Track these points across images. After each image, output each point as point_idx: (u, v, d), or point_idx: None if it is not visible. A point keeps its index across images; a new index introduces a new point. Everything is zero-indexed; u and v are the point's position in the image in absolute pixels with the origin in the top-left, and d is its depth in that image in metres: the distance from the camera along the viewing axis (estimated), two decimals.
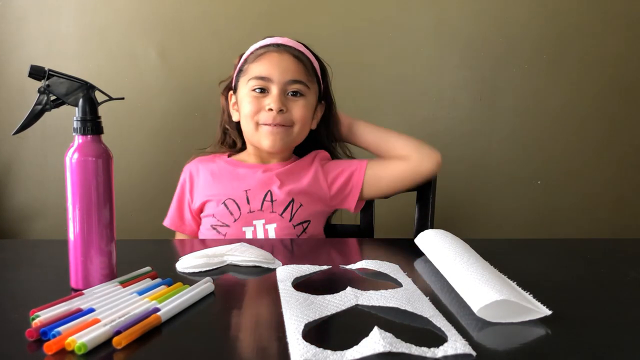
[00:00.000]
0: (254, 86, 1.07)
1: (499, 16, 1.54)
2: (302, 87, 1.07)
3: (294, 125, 1.07)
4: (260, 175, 1.09)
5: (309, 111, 1.10)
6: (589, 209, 1.60)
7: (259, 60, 1.08)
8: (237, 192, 1.07)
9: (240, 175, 1.10)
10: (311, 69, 1.10)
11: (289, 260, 0.77)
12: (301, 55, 1.09)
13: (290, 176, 1.09)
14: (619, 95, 1.57)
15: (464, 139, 1.57)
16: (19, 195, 1.55)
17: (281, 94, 1.06)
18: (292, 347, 0.48)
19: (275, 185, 1.07)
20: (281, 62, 1.07)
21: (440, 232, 0.81)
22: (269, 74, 1.06)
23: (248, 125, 1.08)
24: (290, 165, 1.11)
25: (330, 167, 1.12)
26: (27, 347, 0.50)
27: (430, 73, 1.55)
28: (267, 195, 1.07)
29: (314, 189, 1.09)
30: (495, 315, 0.56)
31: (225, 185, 1.09)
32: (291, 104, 1.07)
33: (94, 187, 0.64)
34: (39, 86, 0.65)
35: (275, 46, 1.09)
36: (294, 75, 1.07)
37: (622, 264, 0.81)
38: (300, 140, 1.12)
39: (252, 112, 1.06)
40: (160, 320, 0.54)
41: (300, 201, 1.07)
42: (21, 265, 0.78)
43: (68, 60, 1.50)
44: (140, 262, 0.72)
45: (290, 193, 1.07)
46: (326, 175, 1.11)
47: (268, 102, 1.05)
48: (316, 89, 1.12)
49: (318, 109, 1.14)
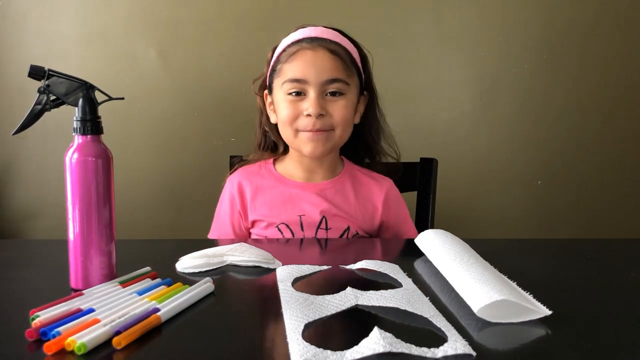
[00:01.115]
0: (289, 89, 0.99)
1: (499, 16, 1.54)
2: (341, 86, 0.99)
3: (335, 128, 1.00)
4: (314, 198, 1.04)
5: (351, 110, 1.02)
6: (588, 209, 1.60)
7: (293, 59, 0.99)
8: (291, 216, 1.02)
9: (292, 197, 1.04)
10: (350, 62, 1.01)
11: (289, 260, 0.77)
12: (338, 49, 1.00)
13: (345, 202, 1.04)
14: (618, 95, 1.57)
15: (464, 139, 1.57)
16: (19, 195, 1.55)
17: (319, 96, 0.98)
18: (292, 347, 0.48)
19: (330, 212, 1.02)
20: (316, 60, 0.98)
21: (440, 232, 0.81)
22: (304, 75, 0.98)
23: (286, 131, 1.02)
24: (344, 185, 1.06)
25: (391, 213, 1.07)
26: (27, 347, 0.50)
27: (430, 73, 1.55)
28: (322, 222, 1.02)
29: (367, 220, 1.05)
30: (495, 315, 0.56)
31: (278, 208, 1.03)
32: (331, 106, 0.99)
33: (94, 187, 0.64)
34: (39, 86, 0.65)
35: (309, 41, 1.00)
36: (332, 73, 0.98)
37: (622, 264, 0.81)
38: (343, 142, 1.05)
39: (290, 118, 0.99)
40: (160, 320, 0.54)
41: (355, 229, 1.04)
42: (21, 265, 0.78)
43: (68, 60, 1.50)
44: (140, 262, 0.72)
45: (345, 222, 1.03)
46: (383, 216, 1.06)
47: (306, 106, 0.98)
48: (357, 83, 1.03)
49: (360, 101, 1.06)
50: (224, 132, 1.52)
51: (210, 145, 1.53)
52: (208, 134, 1.52)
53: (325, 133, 0.99)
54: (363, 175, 1.09)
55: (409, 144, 1.55)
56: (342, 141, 1.04)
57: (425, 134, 1.57)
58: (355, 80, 1.03)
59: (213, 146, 1.53)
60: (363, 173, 1.10)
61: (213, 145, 1.53)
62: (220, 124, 1.52)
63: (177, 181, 1.52)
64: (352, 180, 1.08)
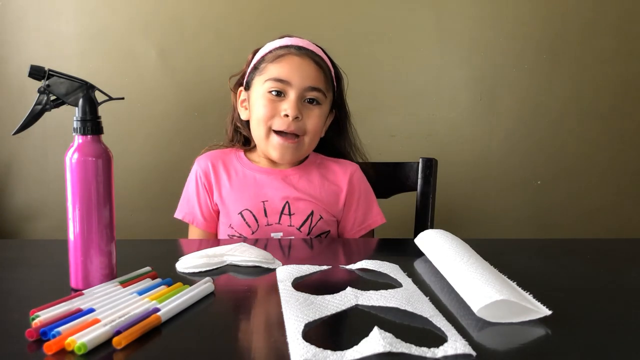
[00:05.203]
0: (271, 88, 1.02)
1: (499, 16, 1.54)
2: (320, 95, 1.04)
3: (305, 135, 1.04)
4: (278, 183, 1.06)
5: (323, 120, 1.07)
6: (588, 209, 1.60)
7: (279, 61, 1.03)
8: (255, 202, 1.04)
9: (257, 182, 1.07)
10: (329, 77, 1.07)
11: (289, 260, 0.77)
12: (322, 62, 1.05)
13: (310, 185, 1.07)
14: (618, 95, 1.57)
15: (464, 139, 1.58)
16: (19, 195, 1.55)
17: (298, 100, 1.02)
18: (292, 347, 0.48)
19: (293, 196, 1.05)
20: (302, 66, 1.03)
21: (440, 232, 0.81)
22: (288, 77, 1.02)
23: (259, 129, 1.04)
24: (309, 172, 1.09)
25: (354, 195, 1.10)
26: (27, 347, 0.50)
27: (430, 73, 1.55)
28: (285, 207, 1.04)
29: (331, 202, 1.07)
30: (495, 315, 0.56)
31: (242, 193, 1.06)
32: (307, 112, 1.03)
33: (94, 187, 0.64)
34: (39, 86, 0.65)
35: (297, 49, 1.04)
36: (314, 82, 1.03)
37: (622, 264, 0.81)
38: (310, 151, 1.09)
39: (266, 116, 1.02)
40: (160, 320, 0.54)
41: (320, 213, 1.05)
42: (21, 265, 0.78)
43: (68, 60, 1.50)
44: (140, 262, 0.72)
45: (309, 206, 1.05)
46: (348, 197, 1.09)
47: (285, 107, 1.01)
48: (331, 98, 1.09)
49: (329, 116, 1.11)
50: (223, 132, 1.52)
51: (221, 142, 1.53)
52: (208, 134, 1.52)
53: (294, 143, 1.03)
54: (328, 161, 1.13)
55: (409, 144, 1.57)
56: (309, 150, 1.08)
57: (425, 134, 1.57)
58: (330, 96, 1.08)
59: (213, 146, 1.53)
60: (329, 160, 1.14)
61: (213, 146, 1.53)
62: (220, 124, 1.51)
63: (177, 181, 1.51)
64: (318, 165, 1.11)
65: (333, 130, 1.14)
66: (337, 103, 1.12)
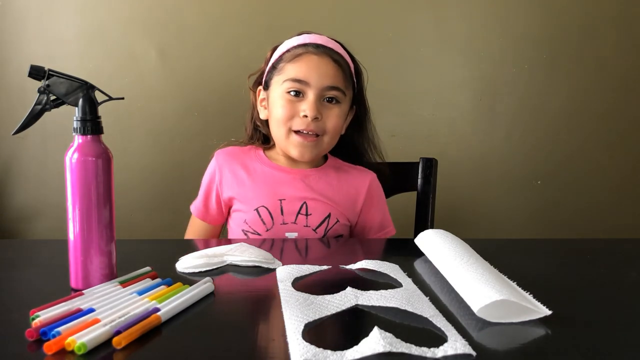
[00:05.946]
0: (289, 88, 1.01)
1: (499, 16, 1.54)
2: (339, 94, 1.02)
3: (325, 134, 1.03)
4: (297, 183, 1.06)
5: (342, 119, 1.05)
6: (588, 209, 1.60)
7: (297, 60, 1.02)
8: (272, 200, 1.03)
9: (276, 180, 1.06)
10: (349, 74, 1.05)
11: (289, 260, 0.77)
12: (340, 59, 1.03)
13: (328, 188, 1.06)
14: (618, 94, 1.57)
15: (464, 139, 1.58)
16: (19, 195, 1.55)
17: (317, 100, 1.00)
18: (292, 347, 0.48)
19: (312, 197, 1.04)
20: (320, 65, 1.01)
21: (440, 232, 0.81)
22: (306, 77, 1.00)
23: (279, 129, 1.03)
24: (328, 174, 1.08)
25: (371, 207, 1.09)
26: (27, 347, 0.50)
27: (430, 73, 1.55)
28: (302, 207, 1.04)
29: (349, 206, 1.07)
30: (495, 315, 0.56)
31: (260, 189, 1.05)
32: (326, 112, 1.02)
33: (94, 187, 0.64)
34: (39, 86, 0.65)
35: (315, 47, 1.02)
36: (333, 81, 1.01)
37: (622, 264, 0.81)
38: (329, 149, 1.08)
39: (285, 117, 1.01)
40: (160, 320, 0.54)
41: (336, 216, 1.05)
42: (21, 265, 0.78)
43: (68, 60, 1.50)
44: (140, 262, 0.72)
45: (326, 208, 1.04)
46: (366, 203, 1.08)
47: (304, 107, 1.00)
48: (350, 95, 1.07)
49: (349, 113, 1.09)
50: (224, 132, 1.52)
51: (210, 145, 1.53)
52: (208, 134, 1.52)
53: (314, 141, 1.02)
54: (347, 166, 1.13)
55: (409, 144, 1.57)
56: (329, 148, 1.07)
57: (425, 134, 1.57)
58: (350, 93, 1.06)
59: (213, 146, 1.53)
60: (347, 165, 1.13)
61: (213, 145, 1.53)
62: (220, 124, 1.52)
63: (177, 181, 1.52)
64: (337, 169, 1.11)
65: (352, 127, 1.12)
66: (357, 99, 1.10)
